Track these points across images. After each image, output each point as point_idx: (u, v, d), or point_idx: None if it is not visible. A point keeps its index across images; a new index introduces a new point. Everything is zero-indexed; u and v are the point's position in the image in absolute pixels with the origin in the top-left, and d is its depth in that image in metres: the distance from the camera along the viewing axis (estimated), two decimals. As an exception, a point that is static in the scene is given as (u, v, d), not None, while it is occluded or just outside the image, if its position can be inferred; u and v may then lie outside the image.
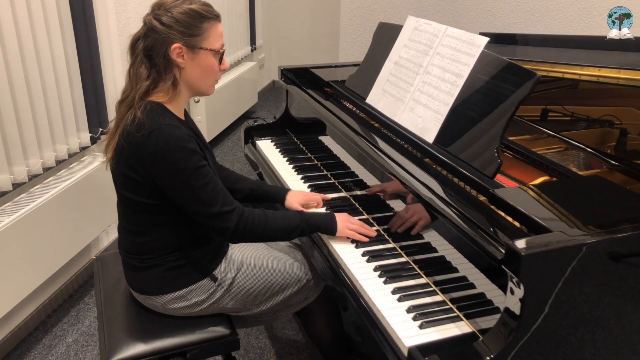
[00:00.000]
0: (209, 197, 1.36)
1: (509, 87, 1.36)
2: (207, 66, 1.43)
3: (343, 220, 1.54)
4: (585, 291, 1.08)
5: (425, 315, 1.24)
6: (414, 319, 1.24)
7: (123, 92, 1.44)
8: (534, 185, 1.36)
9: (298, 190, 1.79)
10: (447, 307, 1.28)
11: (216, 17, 1.44)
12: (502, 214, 1.22)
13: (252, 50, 4.69)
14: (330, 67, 2.42)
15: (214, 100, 3.78)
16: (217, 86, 3.89)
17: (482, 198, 1.32)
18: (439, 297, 1.31)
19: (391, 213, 1.60)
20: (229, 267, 1.56)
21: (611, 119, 1.78)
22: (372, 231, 1.55)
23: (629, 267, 1.10)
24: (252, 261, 1.61)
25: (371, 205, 1.69)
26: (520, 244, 1.00)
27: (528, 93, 1.30)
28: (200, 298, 1.52)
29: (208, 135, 3.79)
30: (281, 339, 2.21)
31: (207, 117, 3.72)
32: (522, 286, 1.01)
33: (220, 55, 1.45)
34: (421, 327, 1.21)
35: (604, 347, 1.15)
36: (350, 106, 1.96)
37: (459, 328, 1.21)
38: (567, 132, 1.75)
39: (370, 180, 1.71)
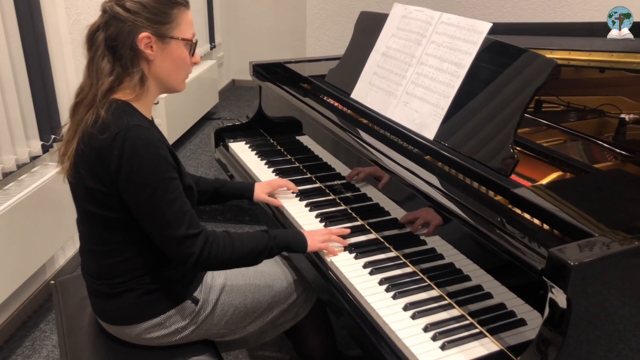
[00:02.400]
0: (175, 217, 1.18)
1: (521, 75, 1.23)
2: (178, 58, 1.25)
3: (310, 235, 1.40)
4: (629, 302, 0.96)
5: (445, 334, 1.10)
6: (434, 338, 1.09)
7: (79, 92, 1.24)
8: (550, 182, 1.24)
9: (263, 182, 1.69)
10: (467, 322, 1.14)
11: (186, 3, 1.26)
12: (528, 216, 1.09)
13: (211, 49, 4.48)
14: (306, 61, 2.26)
15: (174, 101, 3.56)
16: (176, 86, 3.70)
17: (497, 198, 1.19)
18: (455, 311, 1.18)
19: (388, 217, 1.46)
20: (211, 287, 1.38)
21: (610, 107, 1.70)
22: (344, 231, 1.43)
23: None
24: (236, 279, 1.43)
25: (366, 210, 1.54)
26: (567, 252, 0.87)
27: (544, 82, 1.18)
28: (180, 324, 1.33)
29: (169, 138, 3.55)
30: None
31: (167, 119, 3.50)
32: (569, 299, 0.88)
33: (192, 46, 1.27)
34: (443, 348, 1.07)
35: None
36: (334, 102, 1.81)
37: (485, 347, 1.08)
38: (564, 123, 1.66)
39: (359, 182, 1.57)
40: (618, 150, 1.38)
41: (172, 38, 1.22)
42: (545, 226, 1.07)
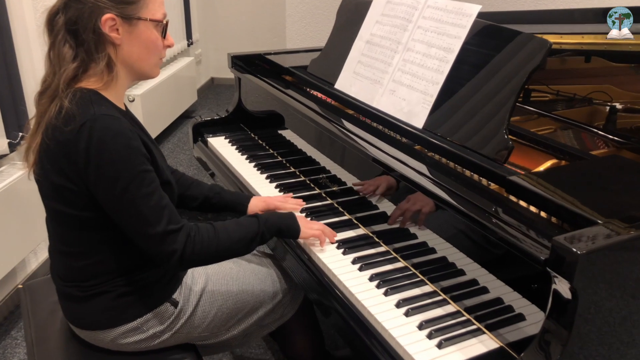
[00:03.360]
0: (152, 213, 1.10)
1: (514, 58, 1.18)
2: (148, 41, 1.16)
3: (304, 223, 1.33)
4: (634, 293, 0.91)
5: (441, 332, 1.04)
6: (429, 336, 1.03)
7: (43, 82, 1.15)
8: (546, 170, 1.19)
9: (260, 197, 1.53)
10: (464, 318, 1.08)
11: None
12: (524, 204, 1.04)
13: (188, 45, 4.37)
14: (286, 52, 2.18)
15: (150, 99, 3.46)
16: (152, 84, 3.60)
17: (492, 187, 1.13)
18: (451, 307, 1.12)
19: (377, 211, 1.40)
20: (191, 288, 1.30)
21: (599, 95, 1.66)
22: (334, 235, 1.35)
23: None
24: (218, 278, 1.35)
25: (354, 204, 1.47)
26: (573, 241, 0.82)
27: (539, 64, 1.12)
28: (159, 328, 1.25)
29: (146, 137, 3.46)
30: (249, 360, 1.96)
31: (144, 117, 3.39)
32: (575, 290, 0.82)
33: (163, 27, 1.18)
34: (440, 346, 1.01)
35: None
36: (318, 94, 1.74)
37: (484, 344, 1.02)
38: (554, 112, 1.62)
39: (345, 175, 1.50)
40: (613, 138, 1.34)
41: (139, 19, 1.13)
42: (543, 214, 1.01)
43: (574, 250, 0.79)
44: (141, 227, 1.10)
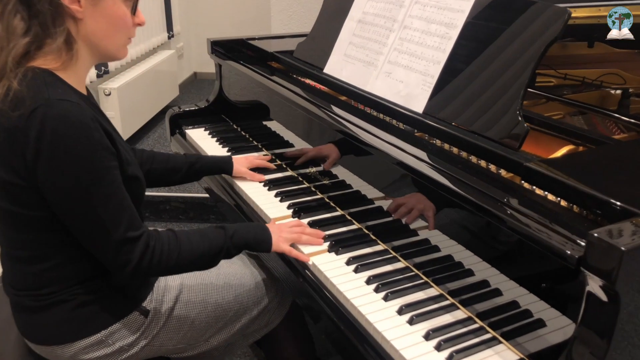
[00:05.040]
0: (111, 217, 0.95)
1: (527, 31, 1.05)
2: (115, 17, 1.01)
3: (275, 231, 1.17)
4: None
5: (451, 342, 0.90)
6: (438, 348, 0.89)
7: None
8: (565, 156, 1.06)
9: (242, 156, 1.54)
10: (476, 326, 0.95)
11: None
12: (541, 193, 0.91)
13: (169, 38, 4.19)
14: (270, 38, 2.04)
15: (128, 93, 3.28)
16: (130, 77, 3.42)
17: (506, 175, 1.00)
18: (460, 313, 0.98)
19: (372, 206, 1.26)
20: (164, 294, 1.15)
21: (613, 78, 1.54)
22: (319, 236, 1.20)
23: None
24: (195, 282, 1.21)
25: (346, 198, 1.33)
26: (612, 236, 0.68)
27: (557, 35, 0.99)
28: (127, 341, 1.10)
29: (123, 133, 3.28)
30: (233, 370, 1.81)
31: (122, 112, 3.22)
32: (616, 293, 0.69)
33: (133, 2, 1.03)
34: (451, 359, 0.87)
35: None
36: (306, 80, 1.60)
37: (501, 355, 0.89)
38: (564, 96, 1.49)
39: (335, 167, 1.36)
40: (635, 122, 1.21)
41: None
42: (563, 203, 0.88)
43: (618, 246, 0.66)
44: (95, 232, 0.95)
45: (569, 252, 0.74)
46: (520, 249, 0.93)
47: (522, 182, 0.95)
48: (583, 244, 0.73)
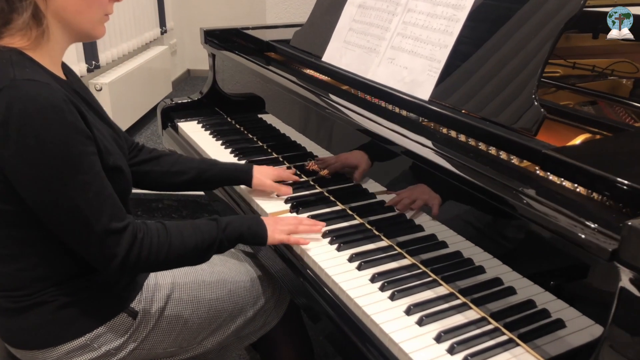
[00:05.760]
0: (90, 207, 0.87)
1: (542, 8, 0.97)
2: None
3: (271, 223, 1.10)
4: None
5: (465, 344, 0.83)
6: (451, 351, 0.82)
7: None
8: (584, 144, 0.99)
9: (264, 166, 1.33)
10: (491, 327, 0.88)
11: None
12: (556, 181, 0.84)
13: (162, 33, 4.11)
14: (266, 27, 1.96)
15: (120, 88, 3.21)
16: (122, 72, 3.34)
17: (523, 164, 0.93)
18: (474, 313, 0.91)
19: (374, 200, 1.19)
20: (154, 293, 1.08)
21: (624, 66, 1.48)
22: (318, 225, 1.13)
23: None
24: (187, 281, 1.13)
25: (347, 192, 1.26)
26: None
27: (577, 12, 0.92)
28: (114, 345, 1.02)
29: (115, 130, 3.21)
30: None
31: (113, 108, 3.14)
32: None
33: None
34: (465, 363, 0.80)
35: None
36: (304, 69, 1.52)
37: (519, 359, 0.82)
38: (573, 85, 1.42)
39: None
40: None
41: None
42: (581, 191, 0.81)
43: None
44: (75, 225, 0.87)
45: (602, 246, 0.67)
46: (534, 243, 0.86)
47: (539, 170, 0.88)
48: (616, 236, 0.66)
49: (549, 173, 0.87)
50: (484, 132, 0.97)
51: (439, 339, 0.84)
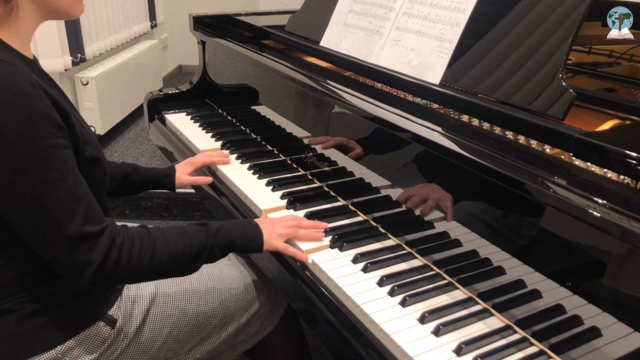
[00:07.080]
0: (62, 207, 0.76)
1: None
2: None
3: (267, 227, 0.99)
4: None
5: (491, 358, 0.72)
6: (474, 365, 0.72)
7: None
8: (616, 129, 0.89)
9: (182, 162, 1.31)
10: (517, 337, 0.77)
11: None
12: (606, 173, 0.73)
13: (152, 27, 3.99)
14: (259, 14, 1.85)
15: (107, 83, 3.08)
16: (110, 66, 3.21)
17: (551, 152, 0.83)
18: (496, 321, 0.80)
19: (379, 195, 1.08)
20: (135, 300, 0.97)
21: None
22: (319, 229, 1.02)
23: None
24: (172, 284, 1.02)
25: (348, 187, 1.15)
26: None
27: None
28: (90, 357, 0.91)
29: (103, 127, 3.08)
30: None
31: (100, 103, 3.02)
32: None
33: None
34: (491, 379, 0.69)
35: None
36: (302, 55, 1.41)
37: (553, 374, 0.71)
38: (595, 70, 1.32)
39: (334, 152, 1.18)
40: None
41: None
42: (613, 176, 0.71)
43: None
44: (43, 228, 0.76)
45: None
46: (560, 240, 0.76)
47: (573, 158, 0.78)
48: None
49: (576, 159, 0.77)
50: (504, 117, 0.87)
51: (459, 351, 0.74)
